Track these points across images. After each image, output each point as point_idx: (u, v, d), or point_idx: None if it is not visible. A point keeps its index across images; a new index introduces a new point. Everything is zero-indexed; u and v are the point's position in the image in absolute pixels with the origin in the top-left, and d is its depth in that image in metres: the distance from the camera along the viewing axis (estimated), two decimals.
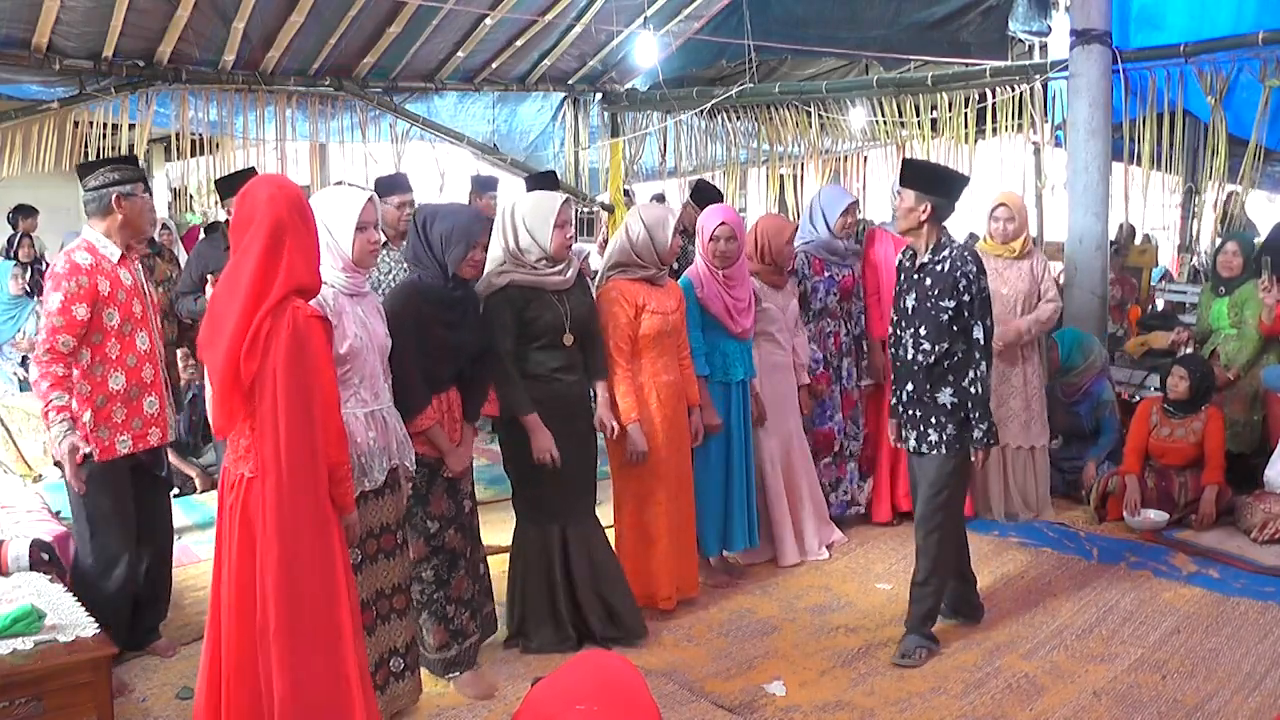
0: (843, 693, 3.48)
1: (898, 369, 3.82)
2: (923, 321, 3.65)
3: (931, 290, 3.63)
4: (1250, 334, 5.25)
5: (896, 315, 3.81)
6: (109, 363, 3.35)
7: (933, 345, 3.63)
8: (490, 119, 8.53)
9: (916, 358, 3.68)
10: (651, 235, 3.88)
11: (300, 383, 2.48)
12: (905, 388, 3.75)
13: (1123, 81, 6.08)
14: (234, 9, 6.40)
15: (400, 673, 3.22)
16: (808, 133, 8.34)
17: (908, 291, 3.73)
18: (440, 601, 3.43)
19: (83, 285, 3.27)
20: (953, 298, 3.58)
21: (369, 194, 3.00)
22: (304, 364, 2.47)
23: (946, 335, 3.61)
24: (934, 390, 3.66)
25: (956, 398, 3.63)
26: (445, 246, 3.28)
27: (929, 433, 3.68)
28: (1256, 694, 3.43)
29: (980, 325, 3.60)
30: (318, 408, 2.50)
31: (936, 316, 3.61)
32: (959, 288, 3.58)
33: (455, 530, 3.46)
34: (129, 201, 3.42)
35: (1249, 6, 5.96)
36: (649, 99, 9.01)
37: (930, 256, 3.65)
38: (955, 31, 8.32)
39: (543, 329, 3.59)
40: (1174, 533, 4.93)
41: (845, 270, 4.87)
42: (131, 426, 3.42)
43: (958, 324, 3.60)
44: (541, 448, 3.57)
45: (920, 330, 3.66)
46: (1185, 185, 6.85)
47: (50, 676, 2.78)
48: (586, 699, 1.35)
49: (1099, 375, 5.52)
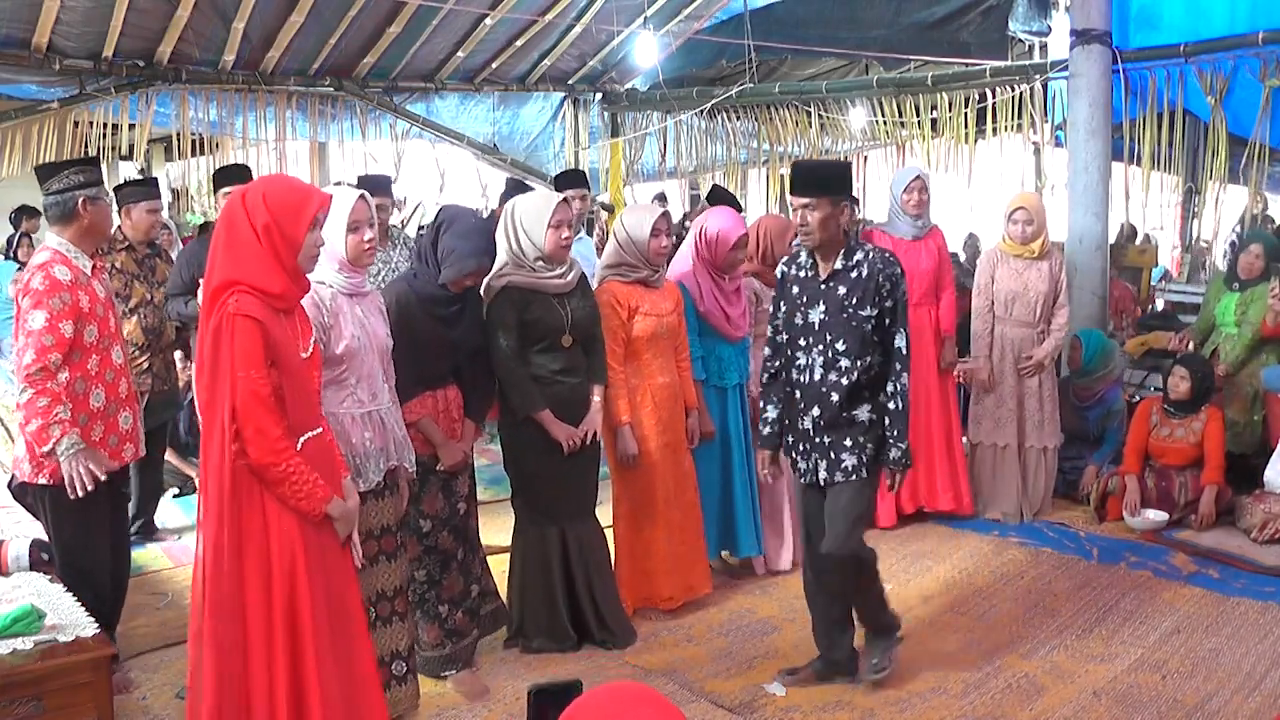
0: (843, 693, 3.48)
1: (798, 395, 3.39)
2: (839, 336, 3.28)
3: (848, 300, 3.27)
4: (1246, 333, 5.24)
5: (790, 334, 3.40)
6: (90, 379, 3.25)
7: (854, 361, 3.27)
8: (493, 121, 8.54)
9: (829, 378, 3.29)
10: (632, 237, 3.89)
11: (212, 381, 2.45)
12: (811, 414, 3.34)
13: (1123, 81, 6.08)
14: (234, 9, 6.41)
15: (402, 676, 3.22)
16: (808, 133, 8.34)
17: (810, 305, 3.33)
18: (432, 601, 3.44)
19: (66, 302, 3.15)
20: (874, 305, 3.25)
21: (359, 193, 2.98)
22: (217, 360, 2.43)
23: (870, 348, 3.28)
24: (851, 409, 3.30)
25: (875, 413, 3.31)
26: (444, 258, 3.30)
27: (844, 458, 3.31)
28: (1256, 694, 3.42)
29: (903, 333, 3.28)
30: (228, 406, 2.42)
31: (858, 328, 3.26)
32: (881, 293, 3.25)
33: (449, 531, 3.46)
34: (95, 206, 3.29)
35: (1247, 6, 5.95)
36: (649, 99, 9.01)
37: (843, 262, 3.29)
38: (955, 31, 8.33)
39: (543, 331, 3.59)
40: (1174, 533, 4.93)
41: None
42: (109, 443, 3.33)
43: (879, 334, 3.28)
44: (566, 435, 3.58)
45: (837, 345, 3.28)
46: (1185, 185, 6.85)
47: (50, 676, 2.77)
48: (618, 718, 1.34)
49: (1115, 383, 5.54)
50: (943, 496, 5.09)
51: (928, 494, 5.10)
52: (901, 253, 4.98)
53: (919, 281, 4.98)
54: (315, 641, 2.54)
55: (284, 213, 2.50)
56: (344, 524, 2.65)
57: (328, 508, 2.56)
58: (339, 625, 2.63)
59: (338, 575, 2.66)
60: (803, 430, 3.38)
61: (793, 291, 3.40)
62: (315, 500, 2.53)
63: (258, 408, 2.43)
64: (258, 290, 2.47)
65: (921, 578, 4.48)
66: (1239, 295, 5.37)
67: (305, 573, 2.53)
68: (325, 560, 2.61)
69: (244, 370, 2.43)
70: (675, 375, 4.01)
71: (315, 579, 2.56)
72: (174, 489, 5.59)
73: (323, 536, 2.61)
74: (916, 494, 5.10)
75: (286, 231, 2.49)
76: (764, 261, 4.50)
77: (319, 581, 2.57)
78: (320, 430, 2.66)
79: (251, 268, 2.47)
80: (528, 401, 3.58)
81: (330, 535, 2.63)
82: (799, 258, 3.42)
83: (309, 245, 2.55)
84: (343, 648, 2.63)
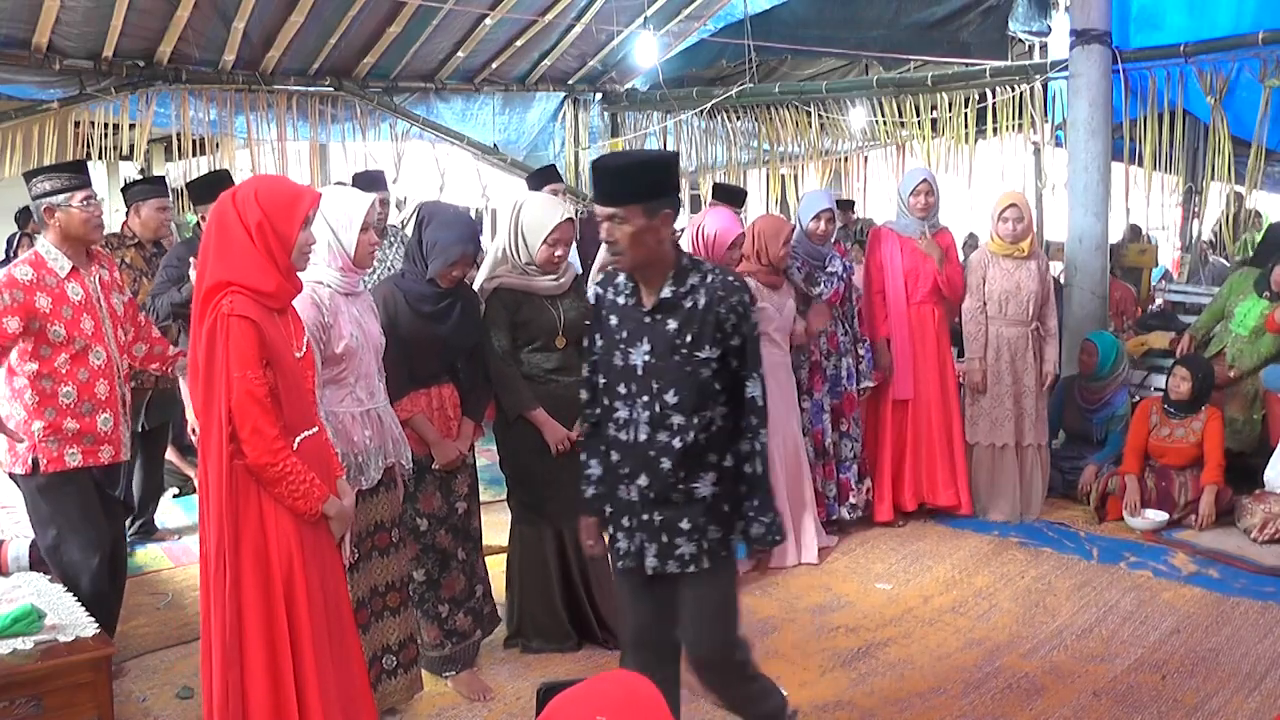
0: (843, 693, 3.48)
1: (618, 458, 2.61)
2: (669, 384, 2.51)
3: (679, 337, 2.50)
4: (1265, 344, 5.21)
5: (609, 378, 2.61)
6: (58, 376, 3.26)
7: (689, 417, 2.51)
8: (499, 126, 8.54)
9: (659, 438, 2.52)
10: None
11: (209, 381, 2.45)
12: (636, 483, 2.56)
13: (1123, 81, 6.08)
14: (234, 9, 6.40)
15: (393, 670, 3.23)
16: (808, 133, 8.35)
17: (630, 343, 2.55)
18: (432, 601, 3.44)
19: (16, 300, 3.17)
20: (716, 344, 2.50)
21: (373, 197, 3.01)
22: (212, 360, 2.44)
23: (711, 400, 2.52)
24: (689, 479, 2.54)
25: (720, 485, 2.55)
26: (429, 253, 3.31)
27: (679, 544, 2.55)
28: (1256, 694, 3.43)
29: (756, 379, 2.54)
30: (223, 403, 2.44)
31: (694, 375, 2.50)
32: (725, 328, 2.50)
33: (447, 531, 3.46)
34: (63, 213, 3.29)
35: (1249, 6, 5.96)
36: (649, 99, 9.01)
37: (672, 289, 2.52)
38: (955, 31, 8.33)
39: (535, 332, 3.59)
40: (1174, 533, 4.93)
41: (835, 283, 4.80)
42: (83, 441, 3.32)
43: (722, 381, 2.53)
44: (556, 437, 3.57)
45: (667, 397, 2.51)
46: (1185, 185, 6.85)
47: (50, 676, 2.78)
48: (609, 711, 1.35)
49: (1121, 386, 5.54)
50: (943, 493, 5.09)
51: (928, 490, 5.11)
52: (908, 252, 5.01)
53: (924, 280, 5.00)
54: (314, 640, 2.54)
55: (277, 210, 2.50)
56: (339, 523, 2.66)
57: (324, 507, 2.56)
58: (334, 623, 2.64)
59: (332, 574, 2.67)
60: (625, 502, 2.61)
61: (610, 323, 2.61)
62: (312, 500, 2.53)
63: (254, 408, 2.44)
64: (251, 290, 2.47)
65: (921, 578, 4.48)
66: (1265, 304, 5.29)
67: (303, 572, 2.53)
68: (321, 559, 2.62)
69: (240, 371, 2.43)
70: None
71: (312, 578, 2.56)
72: (174, 489, 5.59)
73: (319, 536, 2.61)
74: (918, 490, 5.11)
75: (280, 229, 2.49)
76: (761, 262, 4.51)
77: (315, 581, 2.57)
78: (316, 430, 2.66)
79: (245, 268, 2.47)
80: (520, 401, 3.57)
81: (325, 534, 2.63)
82: (616, 278, 2.62)
83: (301, 243, 2.55)
84: (336, 645, 2.64)
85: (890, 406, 5.07)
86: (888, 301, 5.01)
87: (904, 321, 5.02)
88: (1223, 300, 5.59)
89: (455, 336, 3.41)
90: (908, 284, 5.00)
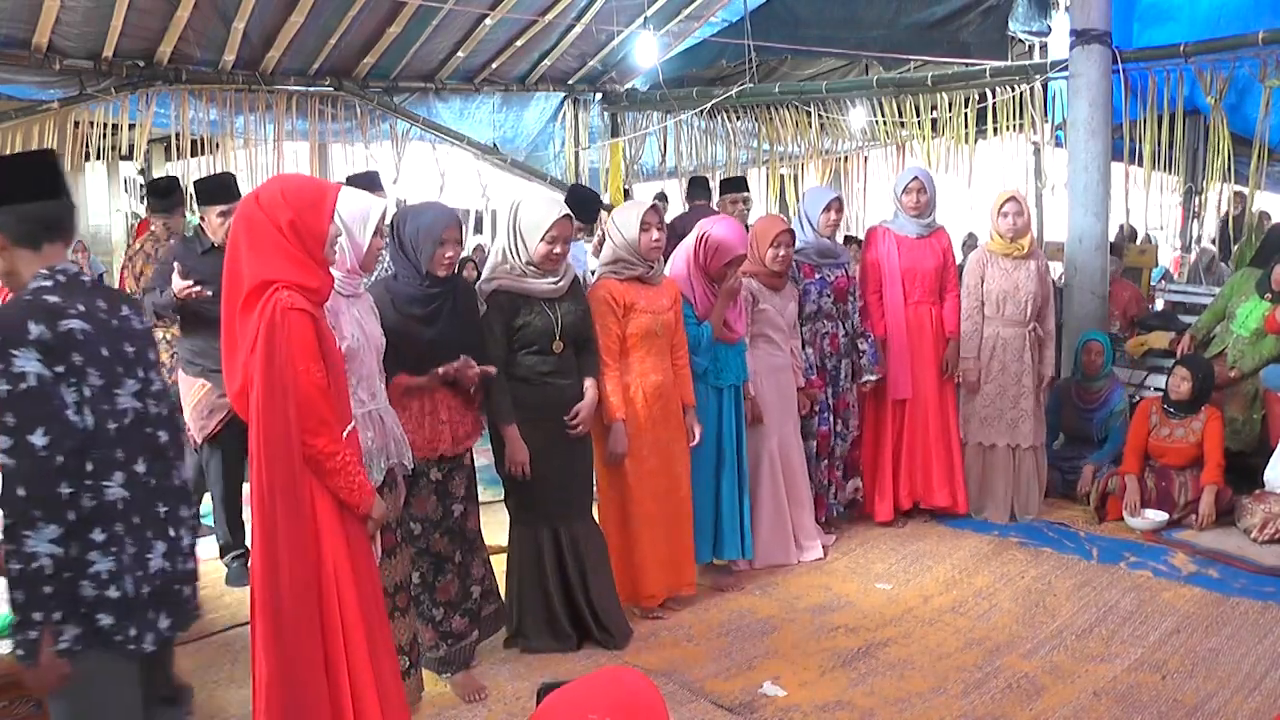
0: (843, 693, 3.48)
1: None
2: None
3: None
4: (1267, 345, 5.22)
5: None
6: None
7: None
8: (495, 124, 8.54)
9: None
10: (624, 235, 3.90)
11: (271, 374, 2.46)
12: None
13: (1123, 81, 6.08)
14: (234, 9, 6.41)
15: (405, 670, 3.22)
16: (808, 133, 8.35)
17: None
18: (427, 604, 3.44)
19: None
20: None
21: (387, 202, 3.02)
22: (274, 354, 2.45)
23: None
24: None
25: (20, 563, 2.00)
26: (415, 247, 3.31)
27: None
28: (1256, 694, 3.42)
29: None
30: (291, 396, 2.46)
31: None
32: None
33: (441, 534, 3.44)
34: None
35: (1251, 6, 5.95)
36: (649, 99, 9.02)
37: None
38: (955, 31, 8.33)
39: (532, 336, 3.58)
40: (1174, 533, 4.93)
41: (838, 271, 4.84)
42: None
43: None
44: (515, 460, 3.58)
45: None
46: (1185, 185, 6.85)
47: None
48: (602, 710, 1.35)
49: (1117, 383, 5.55)
50: (939, 492, 5.09)
51: (924, 490, 5.10)
52: (905, 250, 5.00)
53: (921, 280, 4.99)
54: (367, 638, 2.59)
55: (306, 207, 2.52)
56: (376, 520, 2.71)
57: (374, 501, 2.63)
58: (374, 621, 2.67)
59: (369, 569, 2.72)
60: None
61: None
62: (365, 492, 2.59)
63: (320, 399, 2.48)
64: (298, 286, 2.49)
65: (921, 578, 4.48)
66: (1266, 305, 5.29)
67: (351, 571, 2.58)
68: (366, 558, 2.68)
69: (303, 363, 2.46)
70: (669, 373, 4.00)
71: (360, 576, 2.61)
72: None
73: (360, 533, 2.66)
74: (913, 489, 5.10)
75: (311, 224, 2.52)
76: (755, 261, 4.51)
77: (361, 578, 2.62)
78: (354, 425, 2.72)
79: (285, 265, 2.49)
80: (499, 411, 3.57)
81: (362, 530, 2.67)
82: None
83: (331, 235, 2.58)
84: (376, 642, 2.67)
85: (890, 406, 5.07)
86: (885, 301, 5.01)
87: (901, 321, 5.01)
88: (1223, 301, 5.59)
89: (444, 338, 3.37)
90: (905, 283, 4.99)
